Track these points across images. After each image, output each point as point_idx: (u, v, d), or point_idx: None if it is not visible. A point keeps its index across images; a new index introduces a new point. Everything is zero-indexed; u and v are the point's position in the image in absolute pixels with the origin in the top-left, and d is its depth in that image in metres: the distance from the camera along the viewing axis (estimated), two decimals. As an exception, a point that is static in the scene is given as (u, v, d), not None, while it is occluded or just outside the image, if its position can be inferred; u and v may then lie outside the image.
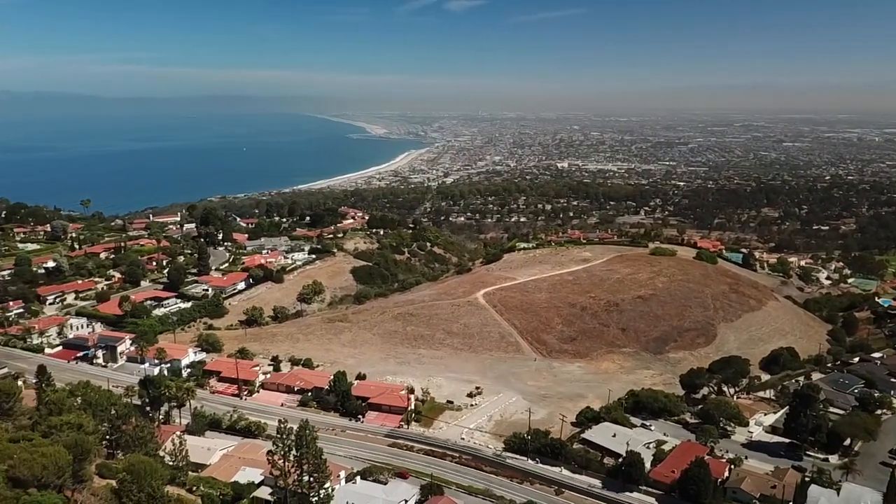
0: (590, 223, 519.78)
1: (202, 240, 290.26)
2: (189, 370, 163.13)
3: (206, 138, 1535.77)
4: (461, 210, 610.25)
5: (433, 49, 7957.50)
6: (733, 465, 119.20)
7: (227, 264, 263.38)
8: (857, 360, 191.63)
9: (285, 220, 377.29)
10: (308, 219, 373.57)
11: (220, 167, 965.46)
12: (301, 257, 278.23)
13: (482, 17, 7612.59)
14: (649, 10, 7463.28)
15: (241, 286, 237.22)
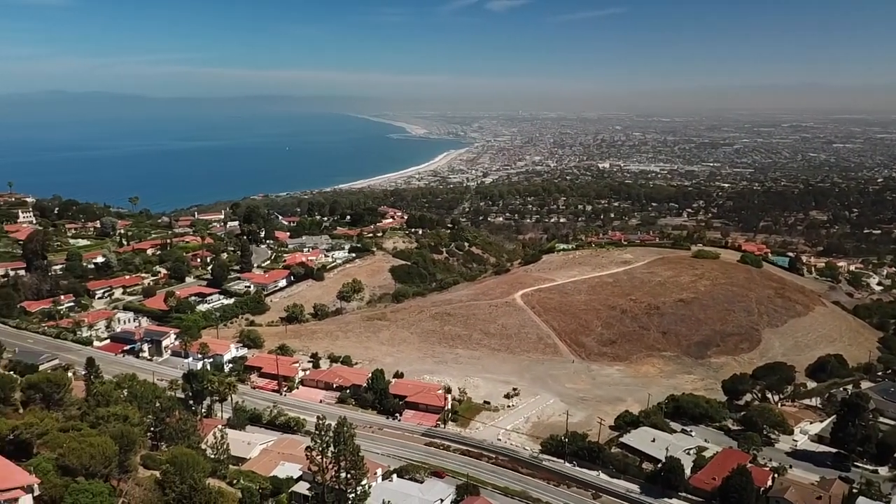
0: (631, 225, 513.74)
1: (245, 237, 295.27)
2: (231, 365, 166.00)
3: (250, 138, 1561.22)
4: (500, 210, 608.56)
5: (474, 49, 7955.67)
6: (777, 474, 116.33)
7: (268, 262, 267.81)
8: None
9: (326, 218, 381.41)
10: (348, 218, 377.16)
11: (264, 166, 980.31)
12: (341, 256, 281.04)
13: (523, 16, 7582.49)
14: (694, 9, 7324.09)
15: (283, 283, 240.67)
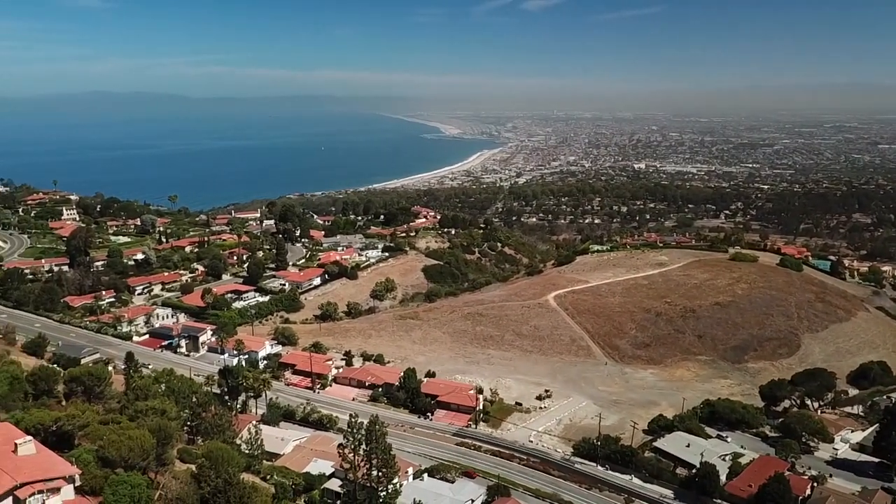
0: (667, 226, 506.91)
1: (280, 236, 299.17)
2: (265, 362, 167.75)
3: (287, 137, 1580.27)
4: (533, 211, 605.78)
5: (509, 49, 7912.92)
6: (816, 483, 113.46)
7: (303, 260, 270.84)
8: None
9: (360, 218, 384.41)
10: (382, 217, 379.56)
11: (300, 165, 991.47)
12: (374, 255, 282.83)
13: (559, 15, 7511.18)
14: (733, 8, 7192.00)
15: (317, 282, 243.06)
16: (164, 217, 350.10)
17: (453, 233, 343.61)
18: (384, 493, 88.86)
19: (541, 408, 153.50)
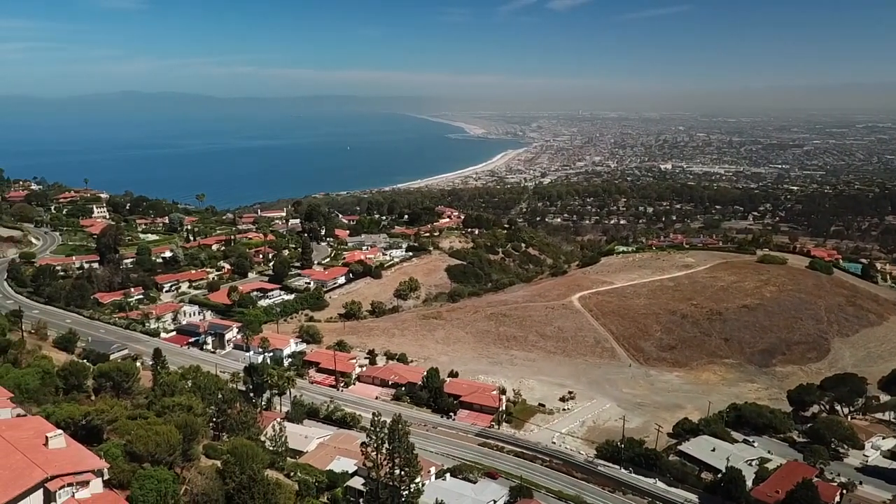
0: (693, 228, 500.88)
1: (306, 235, 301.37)
2: (290, 360, 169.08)
3: (312, 137, 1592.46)
4: (558, 211, 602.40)
5: (534, 48, 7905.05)
6: (845, 491, 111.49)
7: (328, 259, 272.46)
8: None
9: (384, 217, 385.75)
10: (406, 217, 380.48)
11: (325, 165, 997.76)
12: (398, 254, 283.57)
13: (585, 15, 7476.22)
14: (761, 7, 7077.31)
15: (341, 280, 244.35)
16: (192, 215, 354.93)
17: (477, 233, 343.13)
18: (406, 492, 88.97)
19: (564, 409, 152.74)
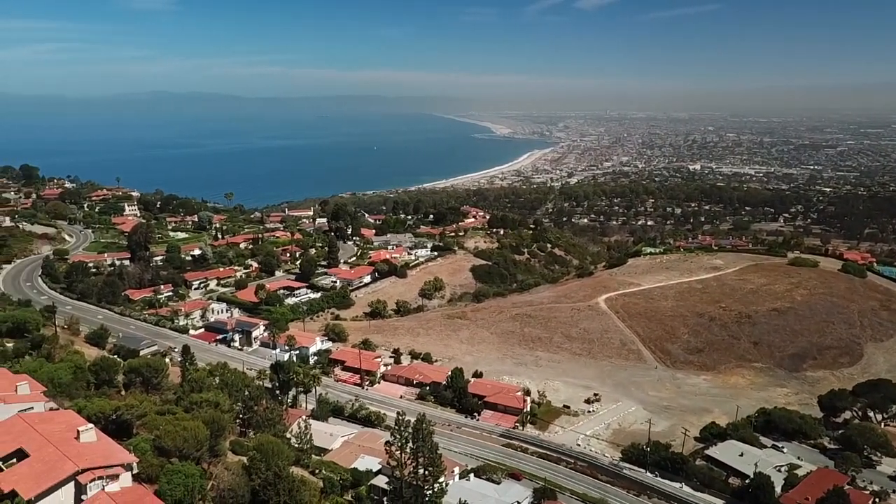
0: (722, 229, 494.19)
1: (332, 234, 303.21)
2: (316, 358, 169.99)
3: (339, 137, 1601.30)
4: (584, 211, 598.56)
5: (561, 48, 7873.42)
6: (878, 499, 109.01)
7: (354, 258, 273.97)
8: None
9: (410, 217, 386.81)
10: (431, 217, 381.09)
11: (352, 164, 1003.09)
12: (423, 254, 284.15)
13: (613, 14, 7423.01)
14: (795, 4, 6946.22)
15: (367, 279, 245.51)
16: (221, 214, 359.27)
17: (502, 233, 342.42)
18: (430, 491, 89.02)
19: (589, 411, 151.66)
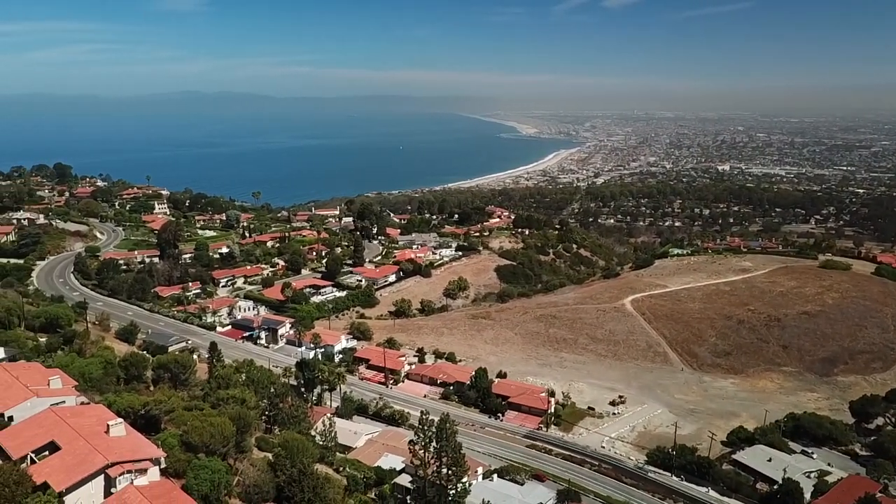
0: (752, 231, 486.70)
1: (358, 233, 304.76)
2: (341, 356, 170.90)
3: (366, 136, 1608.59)
4: (611, 212, 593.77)
5: (589, 47, 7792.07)
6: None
7: (379, 257, 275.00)
8: None
9: (435, 217, 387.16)
10: (456, 216, 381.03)
11: (378, 164, 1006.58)
12: (448, 254, 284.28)
13: (641, 13, 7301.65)
14: (827, 2, 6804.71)
15: (392, 279, 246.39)
16: (248, 213, 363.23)
17: (527, 233, 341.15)
18: (453, 491, 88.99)
19: (614, 413, 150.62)
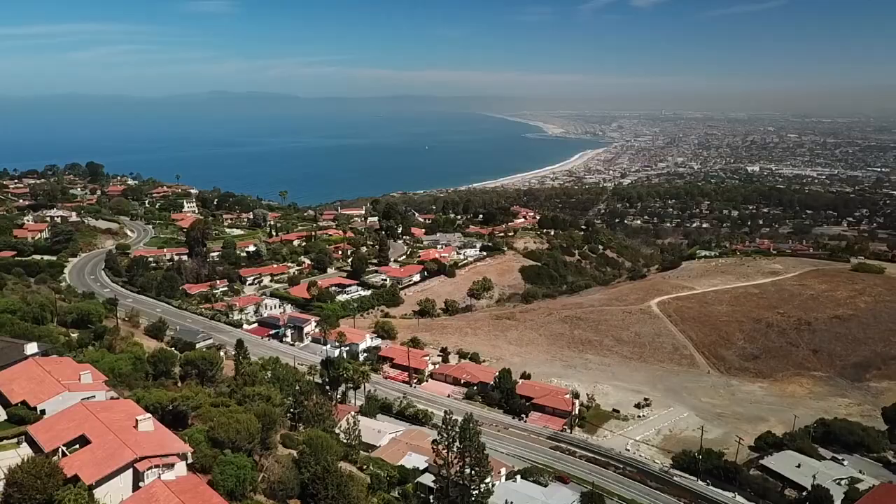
0: (782, 233, 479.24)
1: (383, 232, 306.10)
2: (365, 354, 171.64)
3: (392, 136, 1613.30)
4: (637, 213, 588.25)
5: (616, 47, 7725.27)
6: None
7: (404, 257, 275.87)
8: None
9: (459, 216, 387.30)
10: (481, 216, 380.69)
11: (404, 164, 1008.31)
12: (472, 254, 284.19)
13: (671, 12, 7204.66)
14: (860, 2, 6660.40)
15: (416, 278, 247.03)
16: (275, 211, 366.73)
17: (552, 234, 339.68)
18: (476, 491, 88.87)
19: (639, 416, 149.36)
